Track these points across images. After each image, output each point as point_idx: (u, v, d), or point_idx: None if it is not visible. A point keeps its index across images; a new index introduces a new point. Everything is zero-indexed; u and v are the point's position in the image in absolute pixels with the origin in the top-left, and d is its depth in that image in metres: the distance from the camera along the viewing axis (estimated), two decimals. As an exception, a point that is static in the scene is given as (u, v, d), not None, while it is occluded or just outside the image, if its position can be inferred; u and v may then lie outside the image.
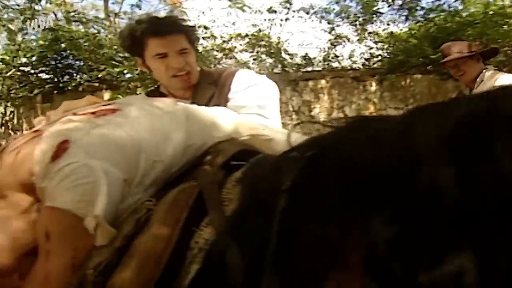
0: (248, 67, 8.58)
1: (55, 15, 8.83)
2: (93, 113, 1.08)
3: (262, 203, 0.71)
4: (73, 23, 8.63)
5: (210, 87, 1.87)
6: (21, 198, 0.97)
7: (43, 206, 0.93)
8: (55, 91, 7.95)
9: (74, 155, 0.93)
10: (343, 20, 8.21)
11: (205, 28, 8.22)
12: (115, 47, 8.08)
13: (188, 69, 1.83)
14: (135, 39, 1.81)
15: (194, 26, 1.97)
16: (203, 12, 8.62)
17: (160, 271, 0.75)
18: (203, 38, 8.22)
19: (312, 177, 0.66)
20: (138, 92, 7.10)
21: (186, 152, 1.07)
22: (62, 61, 8.21)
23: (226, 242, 0.71)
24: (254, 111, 1.69)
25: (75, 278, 0.80)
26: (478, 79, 3.00)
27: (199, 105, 1.44)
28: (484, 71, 3.06)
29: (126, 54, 8.31)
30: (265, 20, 8.36)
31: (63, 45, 7.74)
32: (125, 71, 7.44)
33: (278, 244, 0.64)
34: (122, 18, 9.68)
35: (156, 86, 2.13)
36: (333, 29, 8.16)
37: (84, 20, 8.74)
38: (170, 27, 1.80)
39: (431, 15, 7.92)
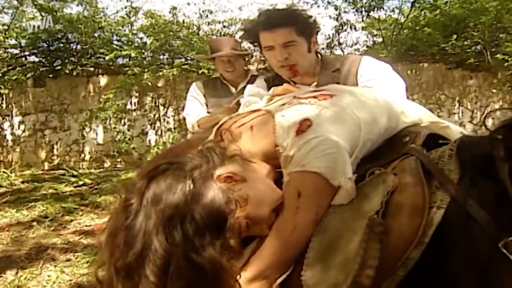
0: (250, 54, 8.33)
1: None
2: (314, 97, 1.24)
3: (484, 169, 0.92)
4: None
5: (335, 75, 1.97)
6: (262, 165, 1.15)
7: (292, 171, 1.08)
8: (50, 75, 7.55)
9: (317, 131, 1.09)
10: (349, 5, 7.98)
11: (210, 12, 7.91)
12: (113, 30, 7.74)
13: (292, 62, 1.93)
14: (250, 33, 2.00)
15: (307, 17, 1.96)
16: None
17: (425, 220, 0.91)
18: (208, 23, 7.92)
19: None
20: (145, 77, 6.79)
21: (385, 133, 1.23)
22: (54, 43, 7.83)
23: (466, 201, 0.90)
24: None
25: (364, 221, 0.94)
26: (250, 79, 3.16)
27: None
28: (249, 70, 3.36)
29: (123, 39, 8.05)
30: (270, 5, 8.05)
31: (57, 27, 7.30)
32: (130, 54, 7.05)
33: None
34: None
35: None
36: (339, 15, 7.92)
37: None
38: (278, 20, 1.89)
39: (438, 2, 7.72)
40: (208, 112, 3.15)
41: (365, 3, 8.03)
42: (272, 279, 1.03)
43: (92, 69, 7.74)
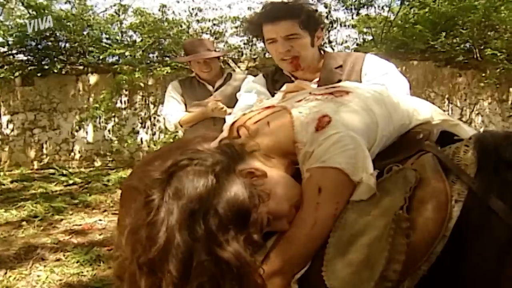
0: (240, 51, 8.33)
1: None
2: (331, 93, 1.25)
3: (504, 161, 0.96)
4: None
5: (337, 71, 1.95)
6: (280, 161, 1.16)
7: (312, 166, 1.09)
8: (39, 74, 7.47)
9: (337, 127, 1.10)
10: (339, 2, 7.99)
11: (199, 10, 7.88)
12: (102, 28, 7.68)
13: (295, 54, 1.90)
14: (253, 25, 1.98)
15: (312, 11, 1.93)
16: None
17: (449, 214, 0.93)
18: (197, 21, 7.90)
19: None
20: (136, 76, 6.74)
21: (399, 129, 1.26)
22: (42, 42, 7.74)
23: (485, 193, 0.94)
24: None
25: (387, 216, 0.97)
26: (226, 76, 3.27)
27: None
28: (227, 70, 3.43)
29: (112, 37, 8.01)
30: (260, 3, 8.04)
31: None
32: (124, 52, 7.00)
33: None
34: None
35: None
36: (329, 12, 7.94)
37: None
38: (281, 13, 1.86)
39: (427, 0, 7.76)
40: (187, 112, 3.17)
41: (355, 1, 8.06)
42: (290, 275, 1.04)
43: (81, 67, 7.68)
